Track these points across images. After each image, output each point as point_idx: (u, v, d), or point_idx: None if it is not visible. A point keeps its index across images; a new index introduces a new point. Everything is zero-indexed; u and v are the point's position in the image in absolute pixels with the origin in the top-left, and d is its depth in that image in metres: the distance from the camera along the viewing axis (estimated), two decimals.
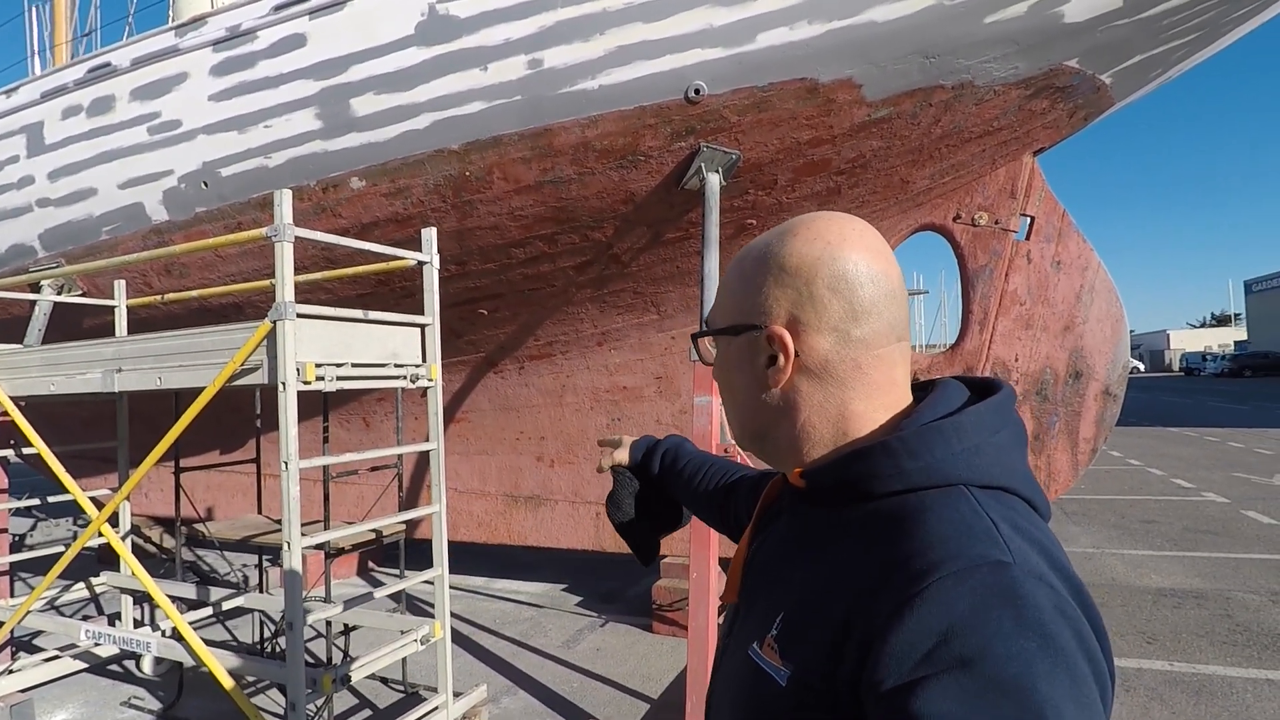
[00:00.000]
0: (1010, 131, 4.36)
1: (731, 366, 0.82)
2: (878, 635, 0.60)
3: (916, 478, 0.69)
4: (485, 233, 4.55)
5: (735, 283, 0.81)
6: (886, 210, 4.79)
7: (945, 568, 0.60)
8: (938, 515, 0.65)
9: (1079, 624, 0.59)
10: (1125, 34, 3.87)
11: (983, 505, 0.66)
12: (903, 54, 3.78)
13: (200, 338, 3.41)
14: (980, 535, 0.63)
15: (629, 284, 5.01)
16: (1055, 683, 0.55)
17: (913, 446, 0.70)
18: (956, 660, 0.56)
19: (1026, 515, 0.69)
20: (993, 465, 0.70)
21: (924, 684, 0.56)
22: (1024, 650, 0.55)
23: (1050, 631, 0.57)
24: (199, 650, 3.17)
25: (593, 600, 5.83)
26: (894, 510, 0.69)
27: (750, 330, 0.78)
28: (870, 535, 0.69)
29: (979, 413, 0.73)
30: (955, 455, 0.69)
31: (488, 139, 4.13)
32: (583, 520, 5.59)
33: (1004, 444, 0.72)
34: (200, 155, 4.57)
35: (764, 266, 0.78)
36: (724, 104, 3.94)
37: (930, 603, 0.59)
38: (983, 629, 0.56)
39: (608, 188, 4.30)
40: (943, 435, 0.70)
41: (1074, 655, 0.57)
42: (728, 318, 0.81)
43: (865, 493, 0.72)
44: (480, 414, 5.80)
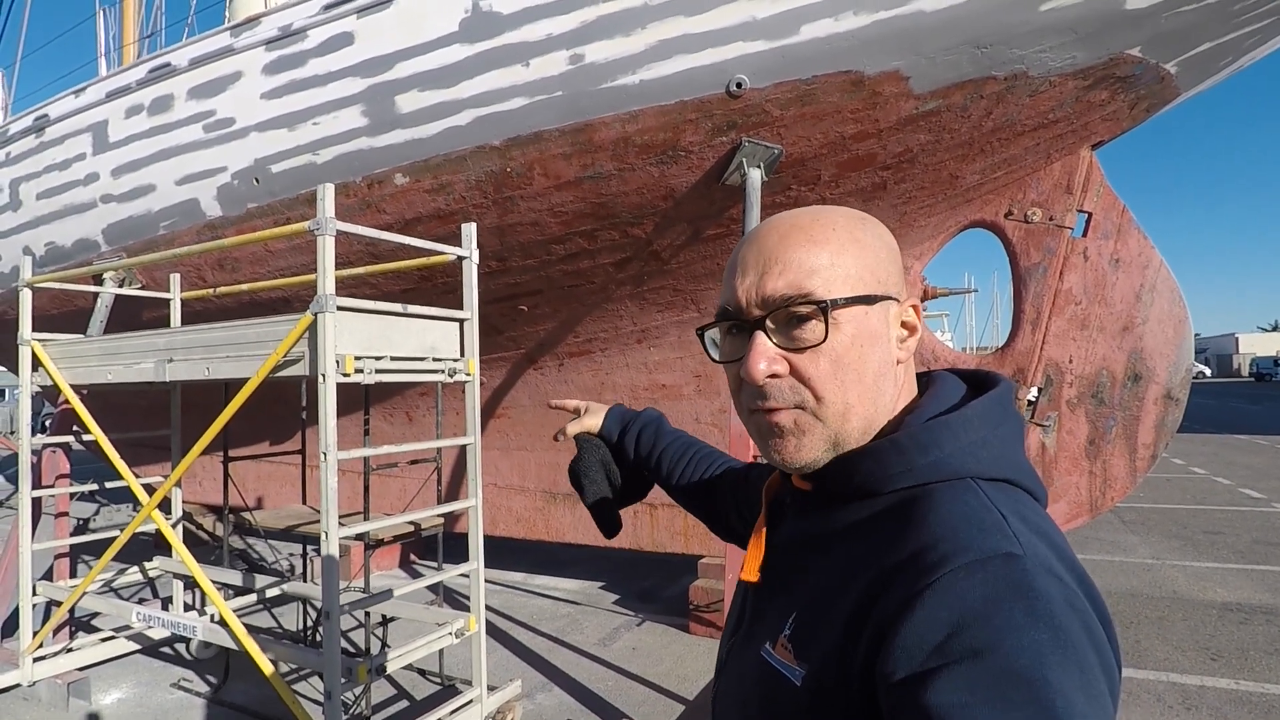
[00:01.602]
0: (1067, 124, 4.18)
1: (867, 340, 0.73)
2: (890, 628, 0.60)
3: (926, 473, 0.69)
4: (525, 229, 4.56)
5: (850, 250, 0.73)
6: (934, 206, 4.64)
7: (956, 560, 0.60)
8: (948, 509, 0.66)
9: (1087, 616, 0.60)
10: (1193, 20, 3.67)
11: (991, 498, 0.66)
12: (953, 44, 3.65)
13: (246, 329, 3.49)
14: (990, 528, 0.63)
15: (669, 281, 4.97)
16: (1066, 674, 0.55)
17: (922, 442, 0.70)
18: (968, 651, 0.56)
19: (1031, 507, 0.69)
20: (998, 458, 0.70)
21: (936, 675, 0.56)
22: (1035, 642, 0.55)
23: (1061, 624, 0.57)
24: (241, 636, 3.25)
25: (630, 599, 5.81)
26: (903, 505, 0.69)
27: (886, 300, 0.75)
28: (880, 531, 0.69)
29: (983, 406, 0.73)
30: (963, 449, 0.69)
31: (529, 135, 4.14)
32: (622, 518, 5.57)
33: (1007, 437, 0.72)
34: (252, 152, 4.70)
35: (877, 240, 0.76)
36: (766, 98, 3.87)
37: (942, 594, 0.59)
38: (995, 621, 0.56)
39: (648, 183, 4.27)
40: (950, 430, 0.70)
41: (1084, 647, 0.57)
42: (857, 286, 0.73)
43: (874, 490, 0.72)
44: (520, 410, 5.84)
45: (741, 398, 0.77)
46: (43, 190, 5.79)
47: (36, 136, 5.81)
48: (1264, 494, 9.20)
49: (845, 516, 0.74)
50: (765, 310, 0.73)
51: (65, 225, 5.71)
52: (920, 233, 4.86)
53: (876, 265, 0.75)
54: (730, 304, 0.77)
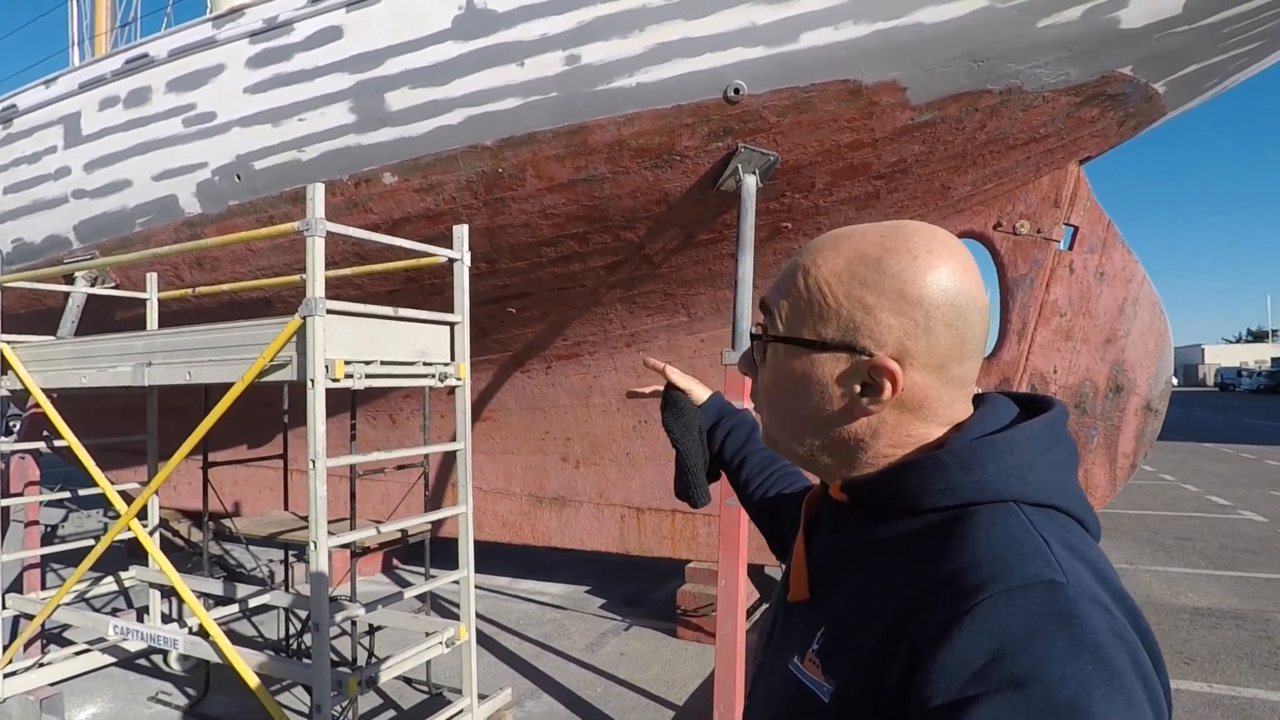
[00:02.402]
0: (1057, 139, 4.23)
1: (804, 380, 0.72)
2: (926, 652, 0.59)
3: (967, 492, 0.67)
4: (516, 230, 4.50)
5: (832, 287, 0.71)
6: (926, 216, 4.67)
7: (996, 585, 0.58)
8: (988, 532, 0.64)
9: (1135, 647, 0.58)
10: (1183, 42, 3.73)
11: (1034, 523, 0.64)
12: (950, 57, 3.67)
13: (230, 333, 3.39)
14: (1032, 553, 0.61)
15: (659, 285, 4.94)
16: (1111, 707, 0.53)
17: (965, 460, 0.67)
18: (1009, 680, 0.54)
19: (1078, 535, 0.67)
20: (1045, 483, 0.68)
21: (974, 703, 0.54)
22: (1079, 673, 0.54)
23: (1105, 654, 0.55)
24: (225, 648, 3.15)
25: (616, 603, 5.77)
26: (943, 525, 0.67)
27: (850, 351, 0.70)
28: (917, 550, 0.67)
29: (1032, 429, 0.70)
30: (1008, 471, 0.67)
31: (522, 135, 4.08)
32: (607, 522, 5.54)
33: (1056, 462, 0.70)
34: (234, 148, 4.57)
35: (879, 284, 0.69)
36: (763, 104, 3.85)
37: (981, 621, 0.57)
38: (1036, 650, 0.55)
39: (642, 187, 4.23)
40: (995, 450, 0.68)
41: (1130, 679, 0.55)
42: (814, 327, 0.71)
43: (913, 507, 0.69)
44: (506, 413, 5.77)
45: None
46: (10, 184, 5.58)
47: (4, 128, 5.60)
48: (1230, 501, 9.46)
49: (881, 532, 0.72)
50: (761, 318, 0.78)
51: (34, 221, 5.50)
52: None
53: (849, 310, 0.70)
54: None
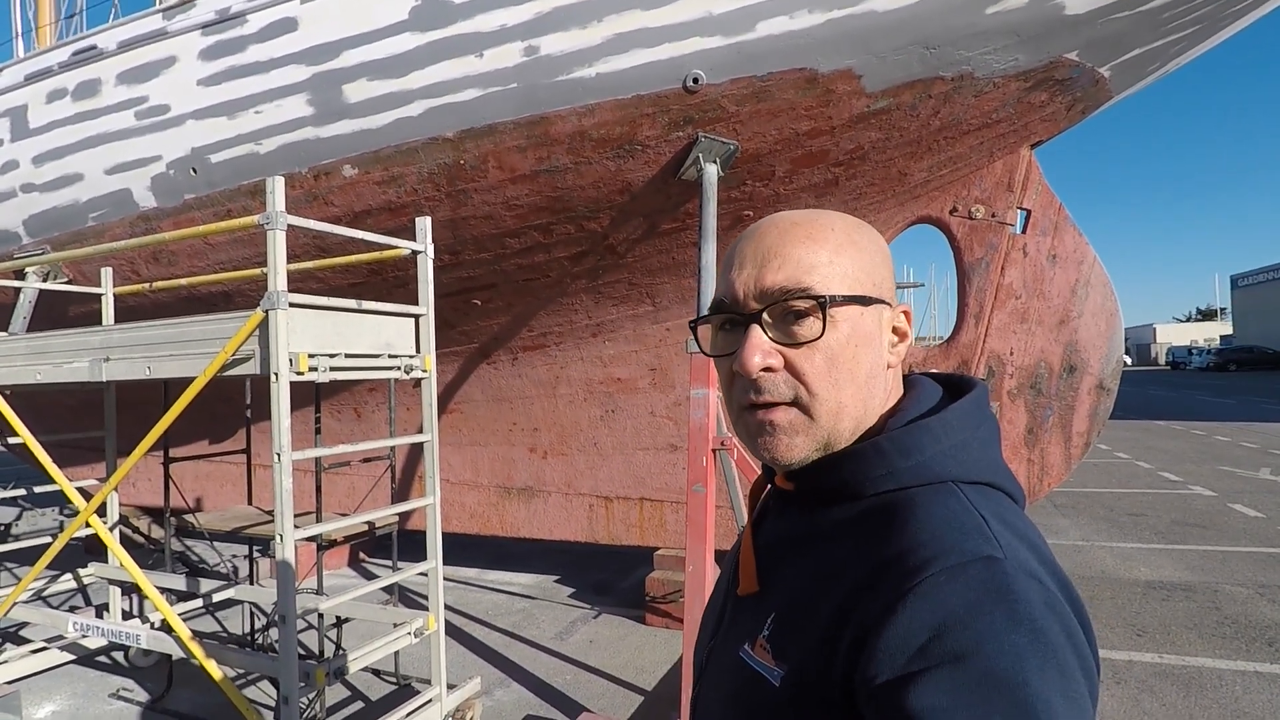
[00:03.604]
0: (1008, 124, 4.34)
1: (861, 341, 0.74)
2: (871, 631, 0.61)
3: (907, 476, 0.69)
4: (479, 222, 4.50)
5: (848, 251, 0.74)
6: (884, 203, 4.77)
7: (938, 563, 0.61)
8: (929, 512, 0.66)
9: (1067, 619, 0.60)
10: (1125, 27, 3.85)
11: (972, 501, 0.67)
12: (903, 44, 3.74)
13: (190, 327, 3.36)
14: (971, 531, 0.63)
15: (624, 275, 4.97)
16: (1046, 677, 0.56)
17: (904, 445, 0.70)
18: (949, 655, 0.56)
19: (1010, 509, 0.70)
20: (978, 461, 0.71)
21: (917, 679, 0.57)
22: (1015, 645, 0.56)
23: (1041, 627, 0.58)
24: (189, 644, 3.13)
25: (585, 592, 5.82)
26: (884, 508, 0.69)
27: (880, 304, 0.76)
28: (861, 533, 0.69)
29: (962, 409, 0.73)
30: (943, 452, 0.70)
31: (483, 127, 4.08)
32: (576, 512, 5.57)
33: (986, 439, 0.73)
34: (189, 141, 4.49)
35: (873, 245, 0.77)
36: (722, 93, 3.90)
37: (924, 598, 0.59)
38: (976, 625, 0.57)
39: (604, 177, 4.26)
40: (931, 433, 0.71)
41: (1063, 650, 0.58)
42: (854, 286, 0.73)
43: (856, 492, 0.72)
44: (473, 405, 5.76)
45: (733, 393, 0.76)
46: None
47: None
48: (1180, 477, 9.79)
49: (826, 517, 0.74)
50: (763, 304, 0.73)
51: None
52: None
53: (872, 268, 0.76)
54: (727, 296, 0.76)
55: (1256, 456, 11.24)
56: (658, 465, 5.40)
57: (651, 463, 5.42)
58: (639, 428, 5.46)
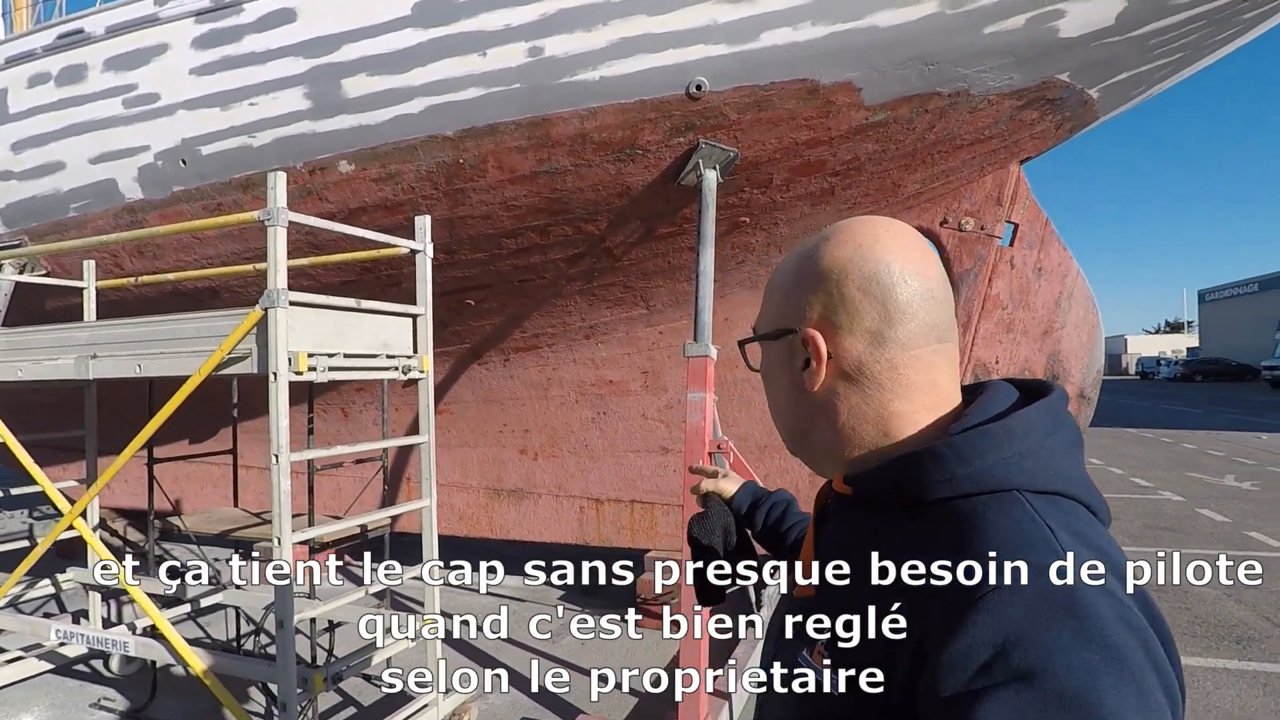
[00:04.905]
0: (1000, 140, 4.43)
1: (773, 370, 0.82)
2: (933, 646, 0.59)
3: (967, 484, 0.67)
4: (476, 222, 4.47)
5: (776, 288, 0.82)
6: (877, 212, 4.81)
7: (1000, 577, 0.59)
8: (991, 522, 0.64)
9: (1145, 635, 0.58)
10: (1115, 51, 3.96)
11: (1039, 511, 0.64)
12: (903, 60, 3.80)
13: (183, 324, 3.29)
14: (1037, 543, 0.61)
15: (619, 278, 4.98)
16: (1122, 697, 0.53)
17: (962, 451, 0.68)
18: (1015, 673, 0.54)
19: (1085, 520, 0.67)
20: (1047, 469, 0.68)
21: (981, 698, 0.55)
22: (1086, 663, 0.54)
23: (1114, 643, 0.55)
24: (182, 650, 3.07)
25: (575, 594, 5.80)
26: (945, 517, 0.67)
27: (787, 334, 0.78)
28: (920, 542, 0.67)
29: (1030, 415, 0.70)
30: (1007, 460, 0.67)
31: (484, 126, 4.05)
32: (566, 514, 5.56)
33: (1058, 447, 0.70)
34: (179, 131, 4.39)
35: (800, 271, 0.79)
36: (725, 101, 3.92)
37: (985, 613, 0.57)
38: (1042, 641, 0.55)
39: (604, 180, 4.26)
40: (994, 439, 0.68)
41: (1140, 667, 0.55)
42: (769, 323, 0.82)
43: (914, 499, 0.70)
44: (463, 405, 5.72)
45: None
46: None
47: None
48: (1151, 482, 10.06)
49: (885, 523, 0.72)
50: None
51: None
52: None
53: (785, 300, 0.80)
54: None
55: (1222, 464, 11.59)
56: (649, 467, 5.42)
57: (643, 465, 5.43)
58: (630, 430, 5.47)
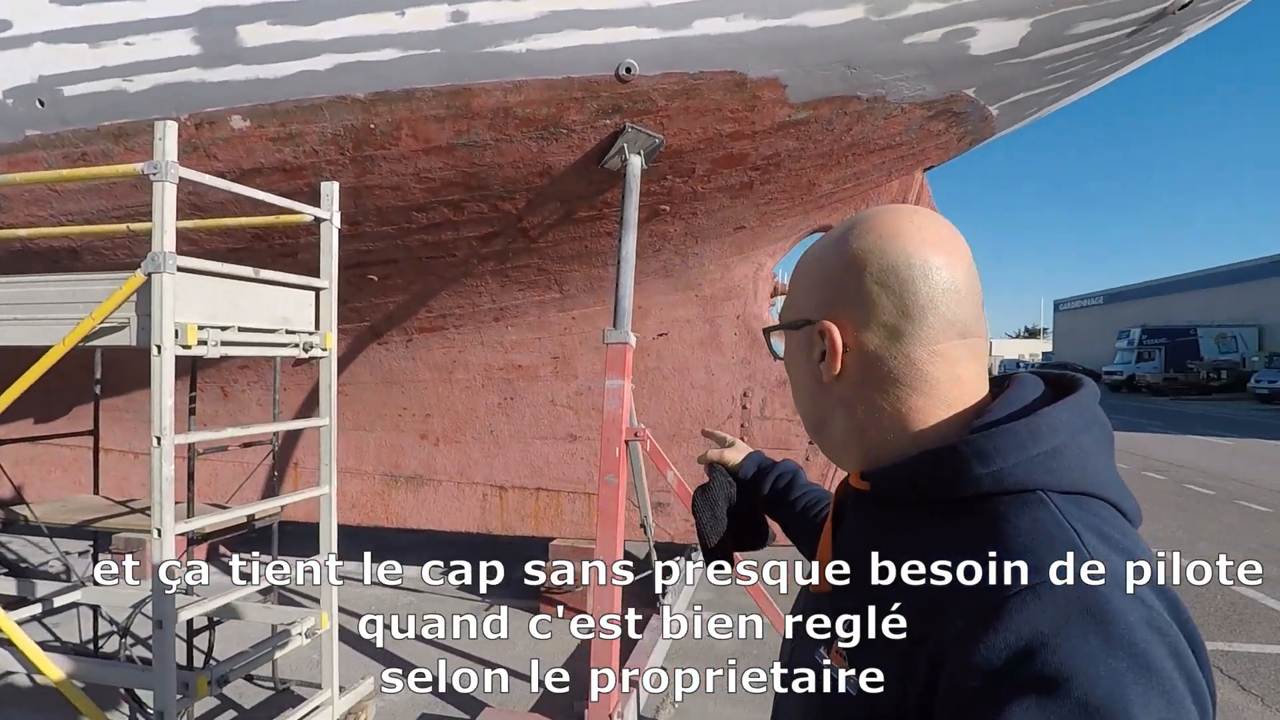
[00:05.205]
0: (909, 147, 4.65)
1: (794, 360, 0.83)
2: (953, 651, 0.58)
3: (988, 484, 0.64)
4: (386, 193, 4.20)
5: (800, 276, 0.82)
6: (791, 210, 4.95)
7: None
8: (1014, 524, 0.62)
9: (1175, 641, 0.56)
10: (1016, 72, 4.23)
11: (1065, 513, 0.62)
12: (828, 61, 3.89)
13: (44, 286, 2.89)
14: (1061, 545, 0.59)
15: (534, 260, 4.84)
16: (1150, 706, 0.51)
17: (983, 450, 0.65)
18: (1039, 680, 0.53)
19: (1115, 522, 0.64)
20: (1074, 469, 0.65)
21: (1004, 703, 0.53)
22: (1114, 670, 0.52)
23: (1142, 650, 0.53)
24: (34, 657, 2.70)
25: (476, 584, 5.64)
26: (966, 518, 0.65)
27: (805, 325, 0.78)
28: (940, 543, 0.64)
29: (1056, 413, 0.67)
30: (1032, 460, 0.64)
31: (399, 91, 3.80)
32: (468, 501, 5.38)
33: (1086, 446, 0.67)
34: (36, 67, 3.83)
35: (821, 260, 0.78)
36: (653, 86, 3.87)
37: (1009, 617, 0.56)
38: (1067, 647, 0.53)
39: (525, 158, 4.11)
40: (1016, 438, 0.65)
41: (1169, 675, 0.53)
42: (791, 312, 0.82)
43: (933, 498, 0.68)
44: (360, 387, 5.40)
45: None
46: None
47: None
48: None
49: (903, 523, 0.70)
50: None
51: None
52: (775, 233, 5.16)
53: (809, 291, 0.79)
54: None
55: None
56: (556, 455, 5.33)
57: (550, 452, 5.34)
58: (538, 416, 5.35)
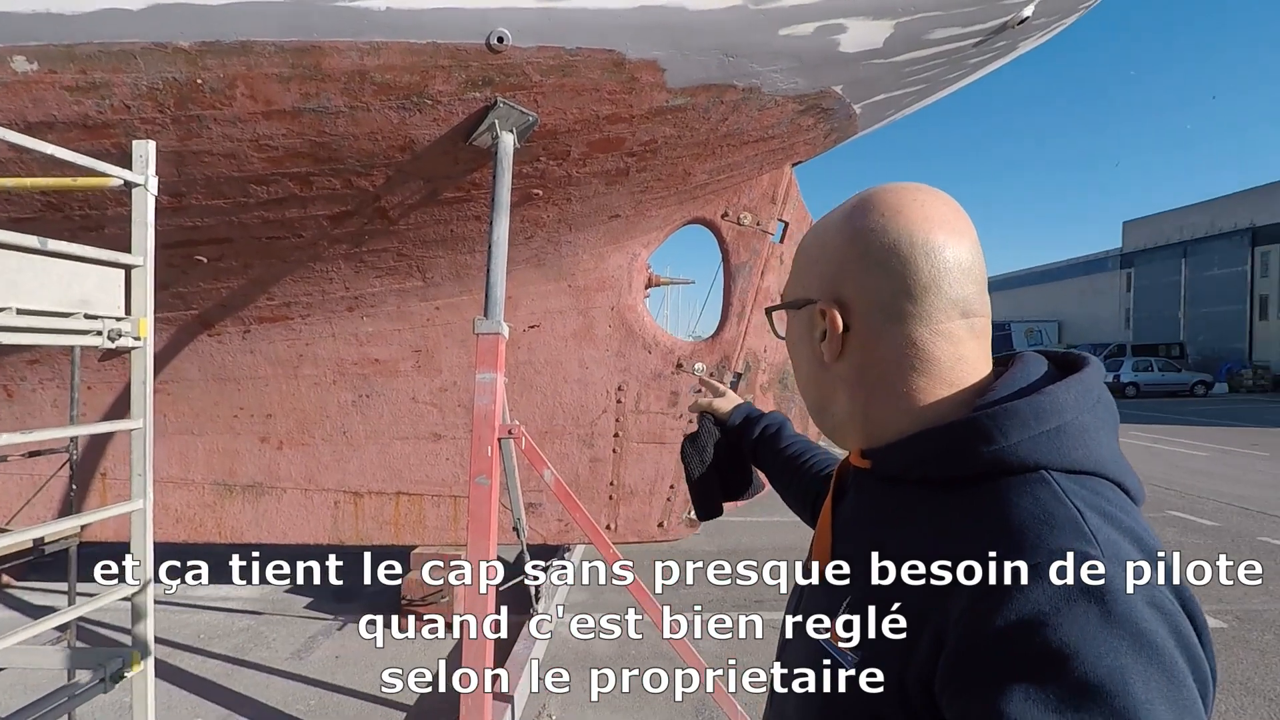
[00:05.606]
0: (780, 141, 4.72)
1: (795, 340, 0.82)
2: (953, 629, 0.58)
3: (991, 462, 0.64)
4: (218, 160, 3.67)
5: (801, 257, 0.81)
6: (666, 199, 4.88)
7: (1025, 559, 0.57)
8: (1016, 503, 0.62)
9: (1176, 619, 0.56)
10: (879, 72, 4.40)
11: (1067, 492, 0.62)
12: (706, 47, 3.84)
13: None
14: (1064, 524, 0.59)
15: (394, 244, 4.45)
16: (1150, 683, 0.51)
17: (986, 428, 0.65)
18: (1040, 658, 0.53)
19: (1117, 501, 0.64)
20: (1076, 447, 0.65)
21: (1005, 683, 0.53)
22: (1114, 649, 0.52)
23: (1143, 628, 0.53)
24: None
25: (326, 600, 5.13)
26: (968, 496, 0.65)
27: (807, 304, 0.77)
28: (942, 522, 0.65)
29: (1059, 391, 0.67)
30: (1035, 438, 0.64)
31: (234, 43, 3.31)
32: (317, 510, 4.87)
33: (1090, 425, 0.66)
34: None
35: (823, 239, 0.77)
36: (528, 60, 3.64)
37: (1009, 598, 0.55)
38: (1068, 625, 0.53)
39: (384, 129, 3.74)
40: (1019, 416, 0.64)
41: (1170, 653, 0.53)
42: (793, 291, 0.81)
43: (934, 477, 0.68)
44: (186, 385, 4.73)
45: None
46: None
47: None
48: None
49: (904, 501, 0.70)
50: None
51: None
52: (650, 222, 5.08)
53: (808, 270, 0.78)
54: None
55: None
56: (418, 456, 4.94)
57: (411, 453, 4.94)
58: (398, 414, 4.94)
